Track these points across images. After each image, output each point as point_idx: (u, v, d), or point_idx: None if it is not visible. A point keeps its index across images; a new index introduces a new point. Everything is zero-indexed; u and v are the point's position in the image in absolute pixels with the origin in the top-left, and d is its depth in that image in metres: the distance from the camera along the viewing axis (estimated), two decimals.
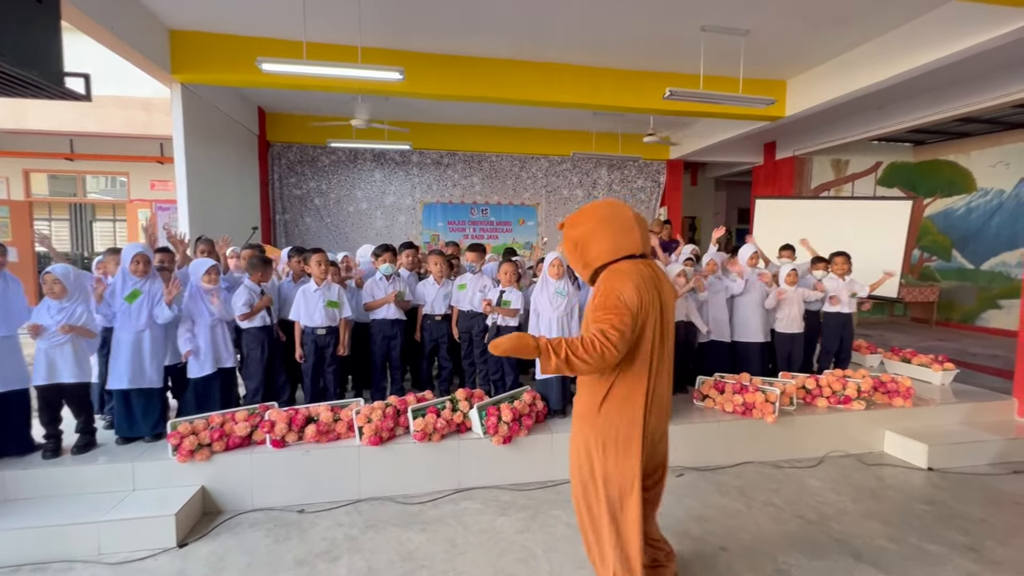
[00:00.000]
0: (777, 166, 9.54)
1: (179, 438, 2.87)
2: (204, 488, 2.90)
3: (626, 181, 10.03)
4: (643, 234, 1.91)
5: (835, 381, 3.92)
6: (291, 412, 3.12)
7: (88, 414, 3.02)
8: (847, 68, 5.56)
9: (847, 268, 4.45)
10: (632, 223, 1.89)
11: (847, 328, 4.44)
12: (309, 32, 4.71)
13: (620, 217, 1.89)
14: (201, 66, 5.19)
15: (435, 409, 3.27)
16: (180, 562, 2.47)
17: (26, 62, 2.34)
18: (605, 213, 1.90)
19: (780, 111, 6.52)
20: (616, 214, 1.89)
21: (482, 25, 4.92)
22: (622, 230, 1.87)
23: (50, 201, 9.95)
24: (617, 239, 1.87)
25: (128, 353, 3.03)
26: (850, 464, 3.61)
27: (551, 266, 3.58)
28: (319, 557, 2.51)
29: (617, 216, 1.89)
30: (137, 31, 4.52)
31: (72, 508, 2.65)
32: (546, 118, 8.49)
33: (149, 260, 3.11)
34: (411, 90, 5.63)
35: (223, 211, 6.57)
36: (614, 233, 1.87)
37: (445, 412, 3.28)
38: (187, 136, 5.55)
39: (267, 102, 7.92)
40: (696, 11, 4.61)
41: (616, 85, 6.10)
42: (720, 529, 2.77)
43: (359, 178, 9.07)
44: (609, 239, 1.86)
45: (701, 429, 3.60)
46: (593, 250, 1.88)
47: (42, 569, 2.41)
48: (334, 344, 3.57)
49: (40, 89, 2.57)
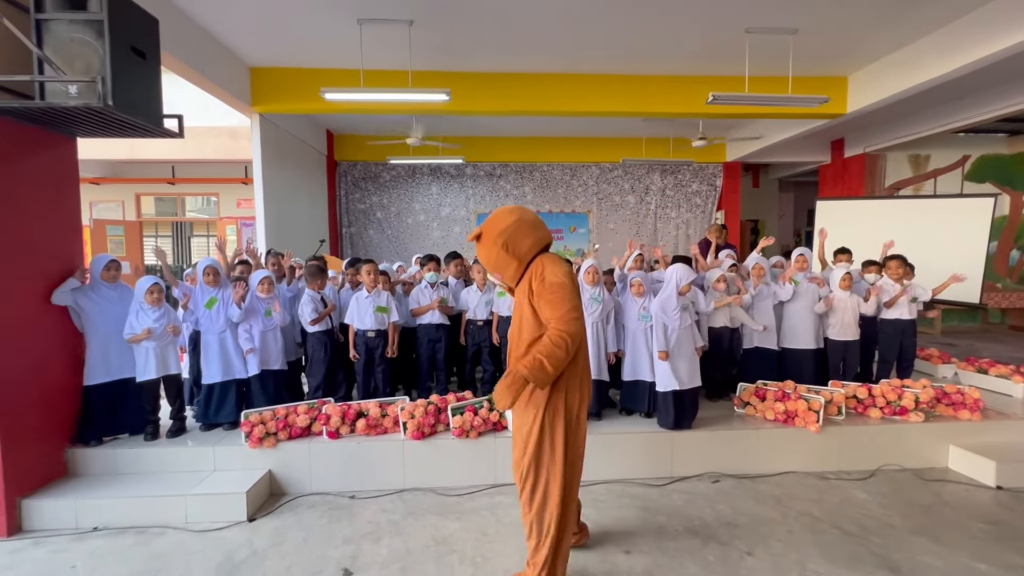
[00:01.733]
0: (846, 164, 8.99)
1: (250, 427, 3.29)
2: (271, 472, 3.29)
3: (680, 185, 9.86)
4: (548, 229, 2.24)
5: (890, 391, 3.72)
6: (344, 407, 3.46)
7: (181, 403, 3.53)
8: (915, 59, 5.23)
9: (903, 272, 4.19)
10: (539, 220, 2.19)
11: (907, 335, 4.17)
12: (365, 60, 5.15)
13: (529, 215, 2.18)
14: (275, 97, 5.82)
15: (473, 408, 3.49)
16: (249, 534, 2.84)
17: (133, 109, 2.84)
18: (518, 215, 2.16)
19: (840, 108, 6.22)
20: (525, 214, 2.17)
21: (526, 43, 5.15)
22: (537, 225, 2.16)
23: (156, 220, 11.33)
24: (537, 232, 2.16)
25: (216, 352, 3.53)
26: (906, 479, 3.42)
27: (586, 273, 3.70)
28: (364, 537, 2.79)
29: (527, 215, 2.17)
30: (224, 72, 5.17)
31: (166, 483, 3.12)
32: (595, 126, 8.58)
33: (218, 271, 3.59)
34: (460, 108, 5.96)
35: (295, 225, 7.24)
36: (533, 228, 2.14)
37: (482, 411, 3.49)
38: (264, 160, 6.21)
39: (334, 125, 8.63)
40: (740, 14, 4.57)
41: (662, 91, 6.10)
42: (749, 535, 2.76)
43: (417, 191, 9.60)
44: (533, 233, 2.13)
45: (740, 436, 3.55)
46: (523, 246, 2.12)
47: (143, 532, 2.86)
48: (383, 346, 3.90)
49: (144, 130, 3.10)
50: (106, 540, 2.79)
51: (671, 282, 3.48)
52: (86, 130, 3.13)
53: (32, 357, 2.99)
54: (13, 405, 2.86)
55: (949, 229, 6.47)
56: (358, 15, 4.51)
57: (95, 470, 3.25)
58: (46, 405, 3.09)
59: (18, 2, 2.71)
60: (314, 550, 2.67)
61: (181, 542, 2.76)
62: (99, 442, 3.30)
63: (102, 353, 3.28)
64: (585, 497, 3.16)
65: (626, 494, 3.23)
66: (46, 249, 3.10)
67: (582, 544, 2.63)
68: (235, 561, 2.59)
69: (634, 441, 3.50)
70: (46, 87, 2.69)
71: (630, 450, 3.48)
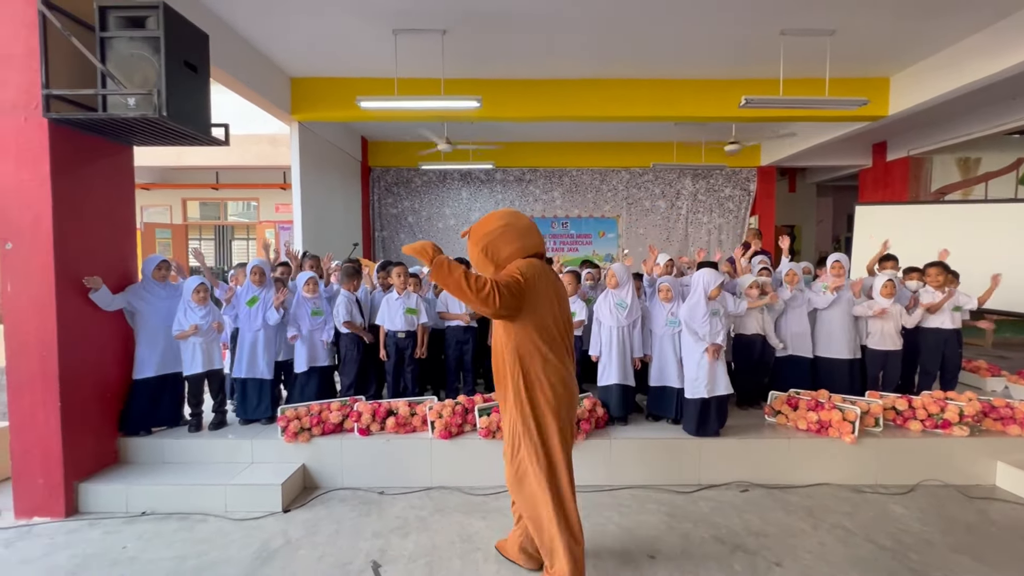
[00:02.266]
0: (888, 168, 8.68)
1: (286, 421, 3.42)
2: (304, 466, 3.42)
3: (712, 190, 9.70)
4: (540, 237, 2.22)
5: (932, 403, 3.57)
6: (375, 405, 3.57)
7: (223, 397, 3.71)
8: (962, 58, 5.04)
9: (943, 280, 4.01)
10: (531, 227, 2.16)
11: (950, 346, 3.99)
12: (400, 69, 5.31)
13: (521, 222, 2.15)
14: (314, 106, 6.05)
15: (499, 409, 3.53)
16: (284, 524, 2.96)
17: (185, 119, 3.03)
18: (507, 220, 2.15)
19: (882, 110, 6.03)
20: (516, 220, 2.16)
21: (556, 49, 5.21)
22: (526, 233, 2.14)
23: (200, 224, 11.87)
24: (524, 240, 2.14)
25: (247, 348, 3.69)
26: (948, 495, 3.28)
27: (610, 277, 3.71)
28: (393, 532, 2.87)
29: (518, 222, 2.15)
30: (266, 82, 5.42)
31: (207, 472, 3.29)
32: (625, 131, 8.56)
33: (265, 272, 3.76)
34: (491, 114, 6.06)
35: (331, 229, 7.48)
36: (520, 235, 2.13)
37: None
38: (302, 166, 6.46)
39: (369, 132, 8.88)
40: (775, 17, 4.51)
41: (694, 95, 6.06)
42: (778, 546, 2.70)
43: (448, 196, 9.76)
44: (518, 241, 2.12)
45: (771, 445, 3.48)
46: (504, 252, 2.12)
47: (185, 518, 3.02)
48: (412, 347, 3.99)
49: (194, 139, 3.29)
50: (153, 524, 2.96)
51: (698, 288, 3.46)
52: (142, 139, 3.35)
53: (91, 352, 3.20)
54: (74, 396, 3.07)
55: (1001, 236, 6.14)
56: (394, 26, 4.66)
57: (144, 458, 3.44)
58: (102, 396, 3.30)
59: (84, 21, 2.94)
60: (345, 542, 2.77)
61: (221, 529, 2.90)
62: (147, 432, 3.50)
63: (151, 349, 3.48)
64: (610, 501, 3.17)
65: (651, 500, 3.21)
66: (104, 251, 3.32)
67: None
68: (271, 549, 2.70)
69: (660, 447, 3.48)
70: (108, 100, 2.90)
71: (656, 456, 3.46)
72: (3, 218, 2.92)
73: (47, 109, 2.83)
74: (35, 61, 2.81)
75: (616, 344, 3.70)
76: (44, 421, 2.98)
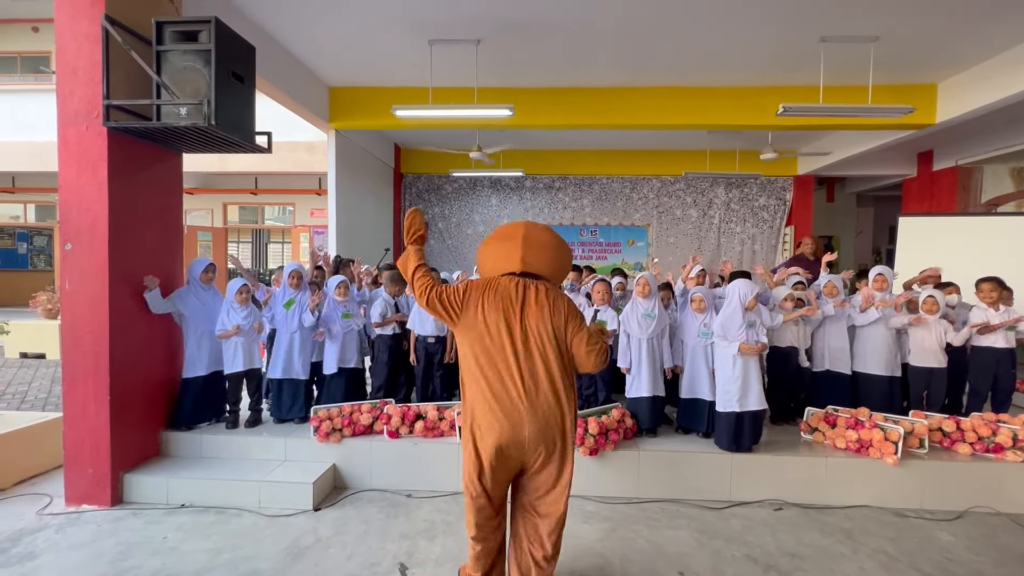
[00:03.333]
0: (934, 178, 8.33)
1: (318, 421, 3.51)
2: (335, 465, 3.48)
3: (746, 200, 9.51)
4: (526, 254, 2.10)
5: (983, 425, 3.39)
6: (404, 408, 3.62)
7: (259, 395, 3.83)
8: (1015, 64, 4.83)
9: (997, 296, 3.81)
10: (515, 246, 2.09)
11: (1003, 366, 3.78)
12: (435, 79, 5.41)
13: (509, 238, 2.13)
14: (350, 114, 6.23)
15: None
16: (314, 522, 3.03)
17: (232, 127, 3.16)
18: (501, 233, 2.19)
19: (929, 118, 5.81)
20: (508, 234, 2.15)
21: (589, 58, 5.22)
22: (504, 252, 2.13)
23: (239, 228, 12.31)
24: (498, 260, 2.15)
25: (284, 350, 3.79)
26: (1001, 524, 3.10)
27: (638, 286, 3.67)
28: (420, 535, 2.89)
29: (508, 237, 2.14)
30: (306, 92, 5.61)
31: (243, 468, 3.39)
32: (657, 139, 8.48)
33: (302, 276, 3.87)
34: (523, 123, 6.10)
35: (363, 234, 7.65)
36: (494, 257, 2.17)
37: None
38: (338, 173, 6.64)
39: (402, 140, 9.07)
40: (815, 23, 4.42)
41: (729, 103, 5.97)
42: (815, 569, 2.61)
43: (477, 203, 9.86)
44: (490, 261, 2.19)
45: (806, 463, 3.37)
46: (484, 265, 2.22)
47: (222, 512, 3.12)
48: (442, 352, 4.04)
49: (239, 146, 3.43)
50: (191, 516, 3.07)
51: (733, 298, 3.39)
52: (191, 146, 3.51)
53: (139, 349, 3.36)
54: (122, 390, 3.22)
55: None
56: (430, 36, 4.76)
57: (183, 452, 3.58)
58: (147, 392, 3.45)
59: (142, 35, 3.11)
60: (373, 542, 2.81)
61: (255, 524, 2.99)
62: (190, 428, 3.64)
63: (198, 349, 3.62)
64: (639, 514, 3.12)
65: (681, 514, 3.14)
66: (153, 252, 3.48)
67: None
68: (301, 546, 2.76)
69: (691, 461, 3.41)
70: (162, 109, 3.06)
71: (686, 470, 3.39)
72: (64, 220, 3.11)
73: (107, 118, 3.01)
74: (97, 73, 2.99)
75: (646, 355, 3.65)
76: (95, 413, 3.14)
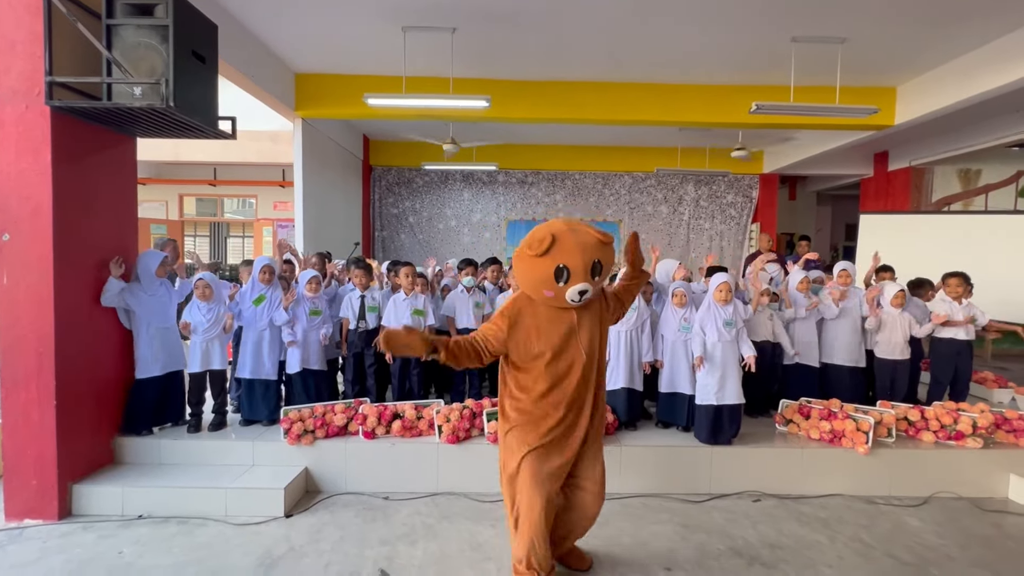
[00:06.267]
0: (890, 178, 8.72)
1: (289, 423, 3.33)
2: (307, 469, 3.32)
3: (715, 196, 9.71)
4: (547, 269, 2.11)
5: (945, 414, 3.54)
6: (381, 408, 3.48)
7: (223, 397, 3.61)
8: (969, 71, 5.06)
9: (963, 291, 4.00)
10: (537, 263, 2.12)
11: (963, 357, 3.97)
12: (408, 68, 5.24)
13: (529, 253, 2.14)
14: (318, 103, 5.97)
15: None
16: (286, 529, 2.87)
17: (192, 110, 2.94)
18: (520, 251, 2.22)
19: (888, 119, 6.04)
20: (526, 253, 2.16)
21: (565, 51, 5.16)
22: (528, 268, 2.18)
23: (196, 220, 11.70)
24: (525, 277, 2.22)
25: (252, 348, 3.59)
26: (962, 508, 3.24)
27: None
28: (399, 539, 2.78)
29: (525, 252, 2.16)
30: (271, 78, 5.33)
31: (207, 475, 3.18)
32: (629, 135, 8.54)
33: (273, 271, 3.66)
34: (498, 115, 6.00)
35: (331, 228, 7.38)
36: (522, 272, 2.24)
37: None
38: (305, 164, 6.37)
39: (371, 130, 8.80)
40: (787, 23, 4.49)
41: (702, 101, 6.03)
42: (796, 559, 2.65)
43: (449, 197, 9.69)
44: (523, 276, 2.24)
45: (782, 454, 3.43)
46: (521, 282, 2.28)
47: (184, 522, 2.92)
48: None
49: (200, 131, 3.20)
50: (150, 528, 2.85)
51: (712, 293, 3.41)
52: (147, 130, 3.26)
53: (88, 349, 3.10)
54: (70, 394, 2.96)
55: (1001, 248, 6.17)
56: (403, 23, 4.60)
57: (140, 459, 3.34)
58: (98, 395, 3.20)
59: (91, 8, 2.85)
60: (350, 549, 2.68)
61: (221, 534, 2.80)
62: (149, 432, 3.40)
63: (151, 348, 3.37)
64: (620, 510, 3.11)
65: (664, 509, 3.15)
66: (105, 245, 3.22)
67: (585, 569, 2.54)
68: (274, 556, 2.61)
69: (671, 454, 3.42)
70: (113, 88, 2.81)
71: (667, 464, 3.40)
72: (2, 208, 2.82)
73: (50, 97, 2.73)
74: (38, 48, 2.72)
75: (624, 348, 3.64)
76: (39, 420, 2.88)
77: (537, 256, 2.06)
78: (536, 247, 2.06)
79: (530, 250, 2.08)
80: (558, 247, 2.05)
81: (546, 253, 2.05)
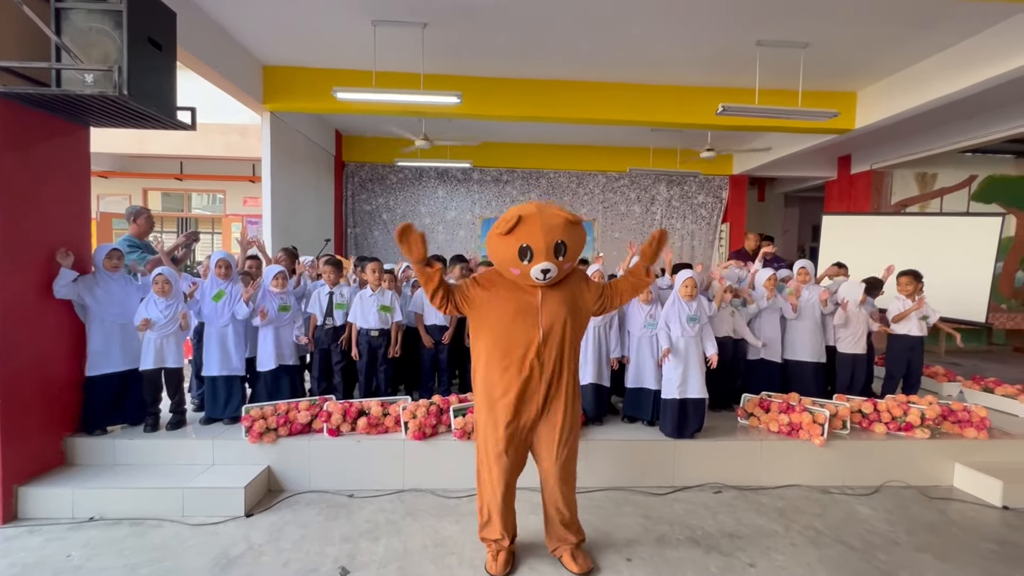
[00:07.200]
0: (852, 180, 9.00)
1: (251, 421, 3.26)
2: (269, 468, 3.26)
3: (686, 197, 9.87)
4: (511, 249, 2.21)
5: (896, 406, 3.68)
6: (346, 405, 3.44)
7: (181, 396, 3.51)
8: (925, 77, 5.25)
9: (914, 288, 4.17)
10: (504, 239, 2.22)
11: (916, 352, 4.14)
12: (378, 62, 5.18)
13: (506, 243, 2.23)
14: (287, 96, 5.85)
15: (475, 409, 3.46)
16: (246, 529, 2.81)
17: (148, 99, 2.86)
18: (491, 233, 2.32)
19: (849, 123, 6.24)
20: (495, 233, 2.27)
21: (537, 50, 5.18)
22: (496, 245, 2.29)
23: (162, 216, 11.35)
24: (495, 255, 2.33)
25: (216, 345, 3.51)
26: (911, 496, 3.38)
27: (595, 276, 3.64)
28: (362, 536, 2.76)
29: (495, 231, 2.26)
30: (237, 69, 5.20)
31: (164, 475, 3.10)
32: (603, 135, 8.61)
33: (231, 265, 3.58)
34: (470, 112, 5.98)
35: (302, 224, 7.25)
36: (491, 247, 2.35)
37: None
38: (273, 158, 6.23)
39: (343, 125, 8.66)
40: (752, 26, 4.60)
41: (672, 102, 6.13)
42: (752, 547, 2.72)
43: (423, 195, 9.62)
44: (493, 252, 2.35)
45: (743, 447, 3.52)
46: (493, 257, 2.39)
47: (138, 524, 2.83)
48: (386, 346, 3.88)
49: (157, 121, 3.11)
50: (102, 531, 2.76)
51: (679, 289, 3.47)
52: (100, 119, 3.14)
53: (35, 346, 2.98)
54: (15, 394, 2.84)
55: (955, 248, 6.45)
56: (373, 16, 4.54)
57: (93, 460, 3.22)
58: (46, 393, 3.07)
59: None
60: (311, 547, 2.64)
61: (177, 535, 2.73)
62: (103, 431, 3.28)
63: (104, 344, 3.27)
64: (586, 503, 3.13)
65: (627, 502, 3.19)
66: (55, 238, 3.09)
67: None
68: (231, 556, 2.56)
69: (636, 449, 3.47)
70: (62, 75, 2.71)
71: (632, 458, 3.45)
72: None
73: None
74: None
75: (591, 343, 3.68)
76: None
77: (503, 235, 2.15)
78: (502, 226, 2.15)
79: (497, 229, 2.17)
80: (523, 227, 2.13)
81: (510, 232, 2.13)
